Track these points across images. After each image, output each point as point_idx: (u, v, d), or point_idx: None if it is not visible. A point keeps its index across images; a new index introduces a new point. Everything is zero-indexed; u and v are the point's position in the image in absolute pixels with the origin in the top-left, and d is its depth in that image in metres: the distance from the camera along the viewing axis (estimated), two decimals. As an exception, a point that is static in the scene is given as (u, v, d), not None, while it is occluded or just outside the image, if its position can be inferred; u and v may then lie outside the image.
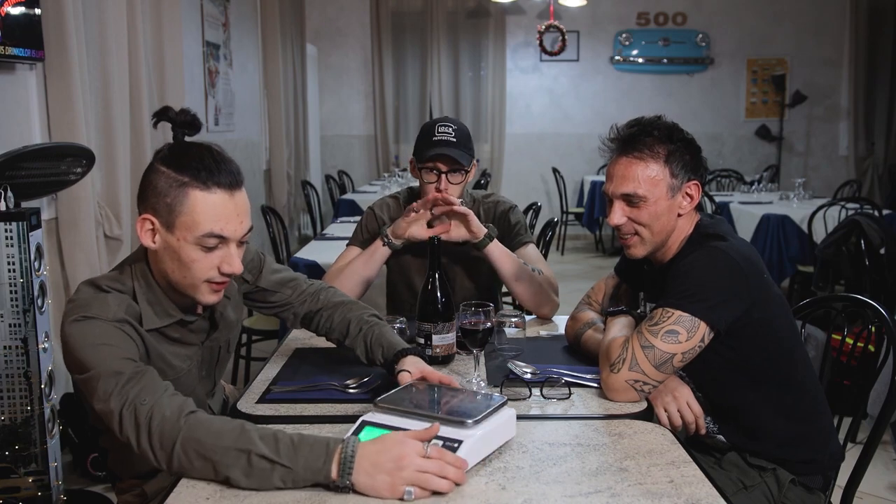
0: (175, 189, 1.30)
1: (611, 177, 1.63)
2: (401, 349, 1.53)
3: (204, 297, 1.37)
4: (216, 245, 1.33)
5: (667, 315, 1.49)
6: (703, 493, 1.12)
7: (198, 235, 1.31)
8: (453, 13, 8.47)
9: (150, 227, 1.34)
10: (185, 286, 1.36)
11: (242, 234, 1.35)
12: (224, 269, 1.35)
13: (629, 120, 1.64)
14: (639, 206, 1.59)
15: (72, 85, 2.85)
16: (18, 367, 2.10)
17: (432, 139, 2.05)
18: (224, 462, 1.14)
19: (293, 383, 1.60)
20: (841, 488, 1.64)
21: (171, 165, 1.32)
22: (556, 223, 3.68)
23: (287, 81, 6.88)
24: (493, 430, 1.23)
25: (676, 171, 1.59)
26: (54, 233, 2.94)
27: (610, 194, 1.63)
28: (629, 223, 1.61)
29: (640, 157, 1.58)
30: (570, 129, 8.65)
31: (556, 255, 7.54)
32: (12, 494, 2.11)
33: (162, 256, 1.35)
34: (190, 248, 1.32)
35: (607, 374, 1.51)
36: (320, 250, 3.39)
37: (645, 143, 1.58)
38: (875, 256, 3.85)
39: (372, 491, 1.11)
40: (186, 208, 1.30)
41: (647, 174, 1.57)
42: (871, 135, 8.74)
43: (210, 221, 1.30)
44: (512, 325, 1.87)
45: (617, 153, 1.62)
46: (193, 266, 1.33)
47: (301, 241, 7.29)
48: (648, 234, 1.61)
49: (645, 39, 8.53)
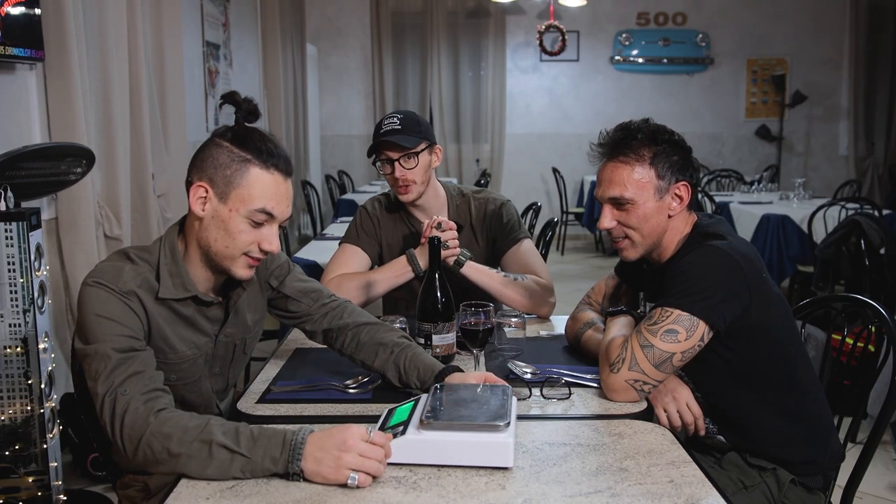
0: (237, 163, 1.38)
1: (599, 182, 1.65)
2: (441, 369, 1.51)
3: (239, 270, 1.44)
4: (263, 222, 1.41)
5: (666, 314, 1.49)
6: (703, 493, 1.12)
7: (251, 209, 1.39)
8: (453, 13, 8.47)
9: (203, 194, 1.40)
10: (224, 257, 1.42)
11: (287, 216, 1.44)
12: (264, 245, 1.42)
13: (618, 124, 1.66)
14: (627, 209, 1.60)
15: (72, 85, 2.84)
16: (18, 367, 2.10)
17: (378, 133, 2.09)
18: (186, 453, 1.19)
19: (293, 383, 1.60)
20: (841, 488, 1.64)
21: (234, 142, 1.40)
22: (556, 223, 3.67)
23: (287, 81, 6.88)
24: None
25: (663, 173, 1.59)
26: (54, 233, 2.94)
27: (599, 199, 1.66)
28: (619, 227, 1.63)
29: (626, 160, 1.60)
30: (570, 129, 8.65)
31: (556, 255, 7.54)
32: (12, 494, 2.11)
33: (207, 225, 1.42)
34: (240, 220, 1.39)
35: (607, 374, 1.51)
36: (320, 250, 3.39)
37: (630, 147, 1.59)
38: (875, 256, 3.85)
39: (318, 476, 1.15)
40: (245, 182, 1.38)
41: (633, 177, 1.59)
42: (871, 135, 8.74)
43: (265, 198, 1.39)
44: (512, 325, 1.87)
45: (604, 158, 1.64)
46: (238, 237, 1.40)
47: (301, 241, 7.29)
48: (639, 236, 1.62)
49: (645, 39, 8.53)
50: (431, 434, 1.20)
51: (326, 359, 1.77)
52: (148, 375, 1.31)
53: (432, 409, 1.25)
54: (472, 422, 1.21)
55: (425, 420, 1.21)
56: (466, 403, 1.28)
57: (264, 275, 1.65)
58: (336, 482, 1.14)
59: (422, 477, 1.17)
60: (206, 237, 1.42)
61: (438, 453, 1.20)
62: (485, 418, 1.21)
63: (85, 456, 2.77)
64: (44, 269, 2.16)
